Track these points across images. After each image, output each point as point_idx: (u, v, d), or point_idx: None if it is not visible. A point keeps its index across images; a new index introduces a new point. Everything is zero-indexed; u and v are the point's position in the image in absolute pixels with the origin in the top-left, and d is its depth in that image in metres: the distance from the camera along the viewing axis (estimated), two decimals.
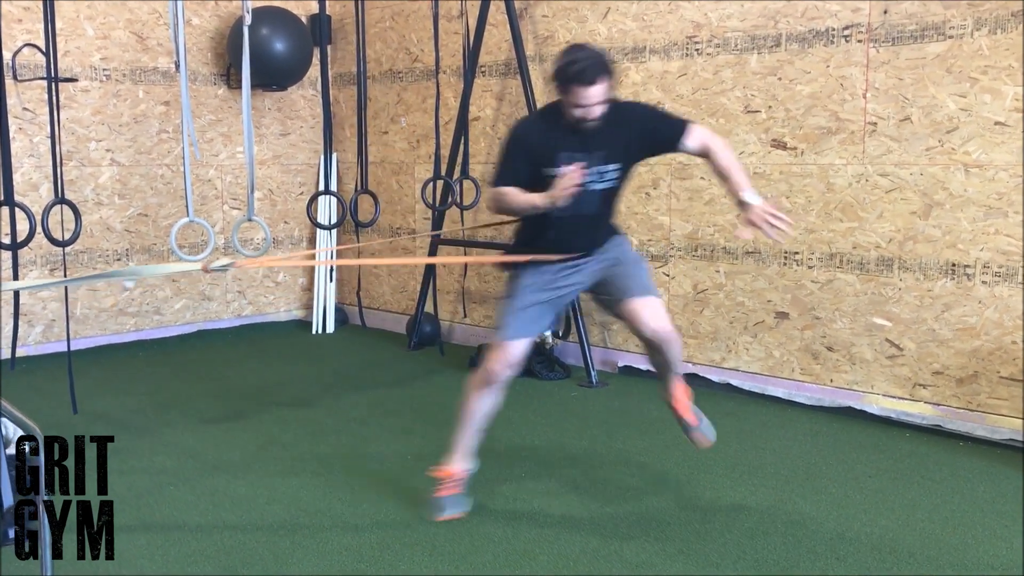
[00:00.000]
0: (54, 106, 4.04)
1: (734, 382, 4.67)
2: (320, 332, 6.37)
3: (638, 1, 4.89)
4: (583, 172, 2.93)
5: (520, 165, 3.06)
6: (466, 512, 3.20)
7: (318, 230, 6.39)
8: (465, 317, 5.92)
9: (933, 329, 4.07)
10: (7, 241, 3.92)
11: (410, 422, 4.29)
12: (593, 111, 2.95)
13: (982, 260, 3.91)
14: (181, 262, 4.73)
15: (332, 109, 6.20)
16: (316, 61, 6.06)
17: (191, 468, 3.70)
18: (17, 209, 3.84)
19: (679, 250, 4.84)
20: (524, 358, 3.16)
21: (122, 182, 5.70)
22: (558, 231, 3.08)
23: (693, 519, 3.16)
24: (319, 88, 6.35)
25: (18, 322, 4.26)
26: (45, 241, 4.11)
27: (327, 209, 6.25)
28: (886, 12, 4.09)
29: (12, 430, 2.16)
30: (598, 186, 3.05)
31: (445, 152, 5.39)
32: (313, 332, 6.36)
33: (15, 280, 4.16)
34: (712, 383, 4.71)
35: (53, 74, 4.01)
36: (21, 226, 3.95)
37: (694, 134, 3.07)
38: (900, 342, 4.17)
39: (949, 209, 3.98)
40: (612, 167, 3.06)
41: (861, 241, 4.24)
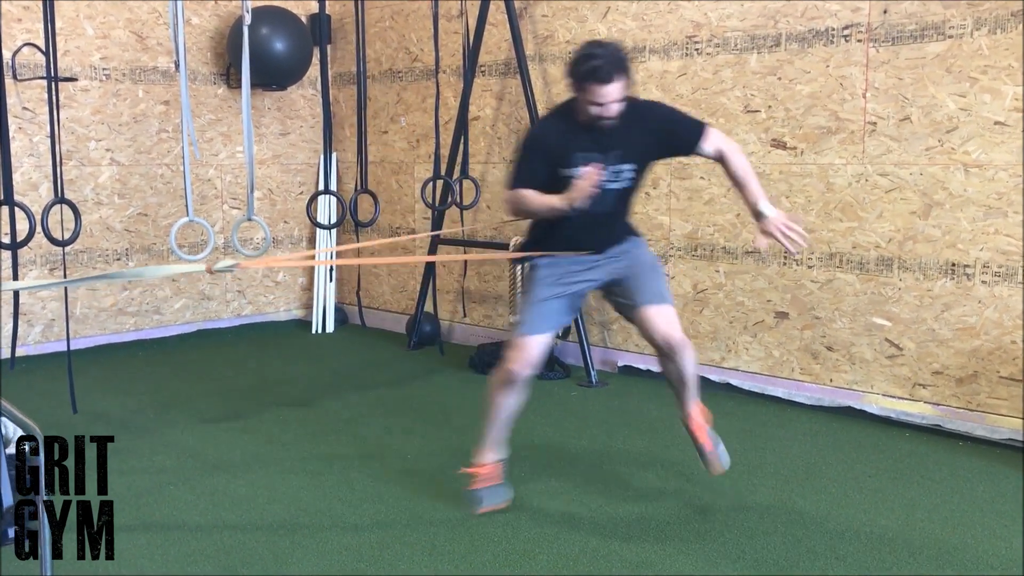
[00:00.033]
0: (54, 105, 4.04)
1: (734, 382, 4.67)
2: (320, 332, 6.37)
3: (638, 1, 4.89)
4: (601, 173, 2.91)
5: (537, 166, 3.04)
6: (508, 501, 3.19)
7: (318, 230, 6.39)
8: (465, 317, 5.92)
9: (933, 329, 4.08)
10: (7, 241, 3.92)
11: (410, 422, 4.29)
12: (610, 110, 2.92)
13: (982, 260, 3.91)
14: (184, 263, 4.73)
15: (332, 109, 6.20)
16: (316, 61, 6.06)
17: (191, 468, 3.70)
18: (17, 209, 3.84)
19: (679, 250, 4.84)
20: (544, 357, 3.15)
21: (122, 182, 5.70)
22: (572, 229, 3.06)
23: (693, 519, 3.16)
24: (319, 88, 6.35)
25: (18, 322, 4.26)
26: (45, 241, 4.12)
27: (327, 209, 6.25)
28: (886, 12, 4.09)
29: (12, 430, 2.16)
30: (613, 185, 3.03)
31: (445, 152, 5.39)
32: (313, 332, 6.37)
33: (15, 280, 4.15)
34: (712, 383, 4.71)
35: (53, 73, 4.01)
36: (21, 226, 3.95)
37: (710, 138, 3.07)
38: (900, 342, 4.18)
39: (949, 209, 3.98)
40: (628, 167, 3.05)
41: (861, 241, 4.24)
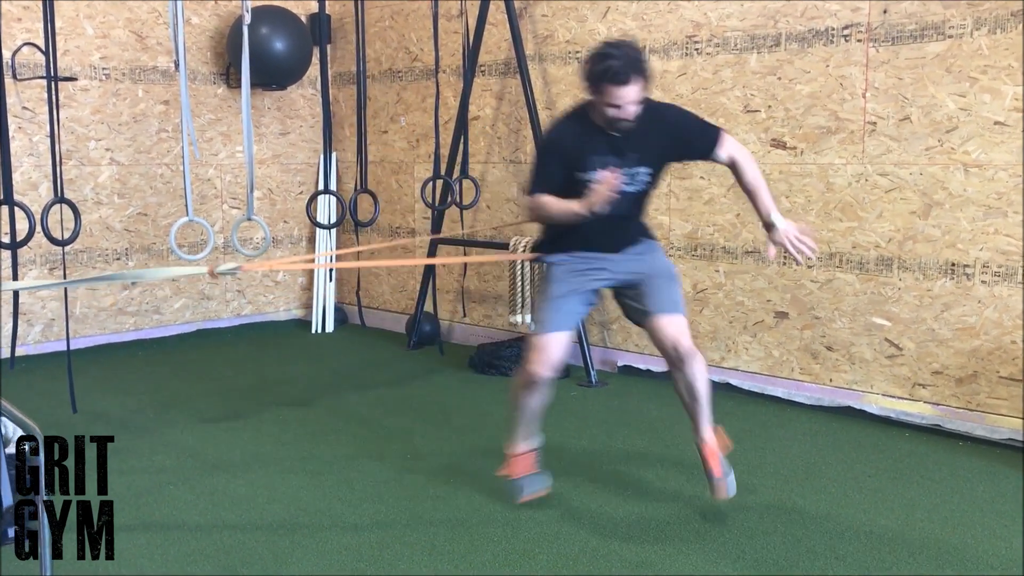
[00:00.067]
0: (53, 105, 4.04)
1: (733, 382, 4.67)
2: (320, 331, 6.37)
3: (638, 1, 4.89)
4: (620, 178, 2.89)
5: (554, 170, 3.02)
6: (548, 489, 3.19)
7: (318, 229, 6.39)
8: (464, 316, 5.92)
9: (932, 329, 4.08)
10: (7, 240, 3.92)
11: (410, 422, 4.29)
12: (627, 112, 2.90)
13: (981, 260, 3.91)
14: (186, 265, 4.73)
15: (332, 108, 6.19)
16: (316, 60, 6.06)
17: (191, 467, 3.70)
18: (16, 208, 3.84)
19: (678, 249, 4.84)
20: (564, 358, 3.14)
21: (121, 181, 5.70)
22: (587, 230, 3.04)
23: (693, 519, 3.16)
24: (319, 87, 6.36)
25: (17, 321, 4.26)
26: (44, 240, 4.12)
27: (326, 208, 6.25)
28: (886, 12, 4.09)
29: (12, 430, 2.16)
30: (629, 188, 3.01)
31: (445, 151, 5.39)
32: (313, 331, 6.36)
33: (14, 279, 4.15)
34: (712, 383, 4.69)
35: (52, 73, 4.01)
36: (20, 225, 3.95)
37: (726, 145, 3.07)
38: (899, 342, 4.18)
39: (949, 209, 3.98)
40: (644, 170, 3.04)
41: (861, 241, 4.24)
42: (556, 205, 3.00)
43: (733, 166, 3.10)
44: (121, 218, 5.72)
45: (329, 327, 6.40)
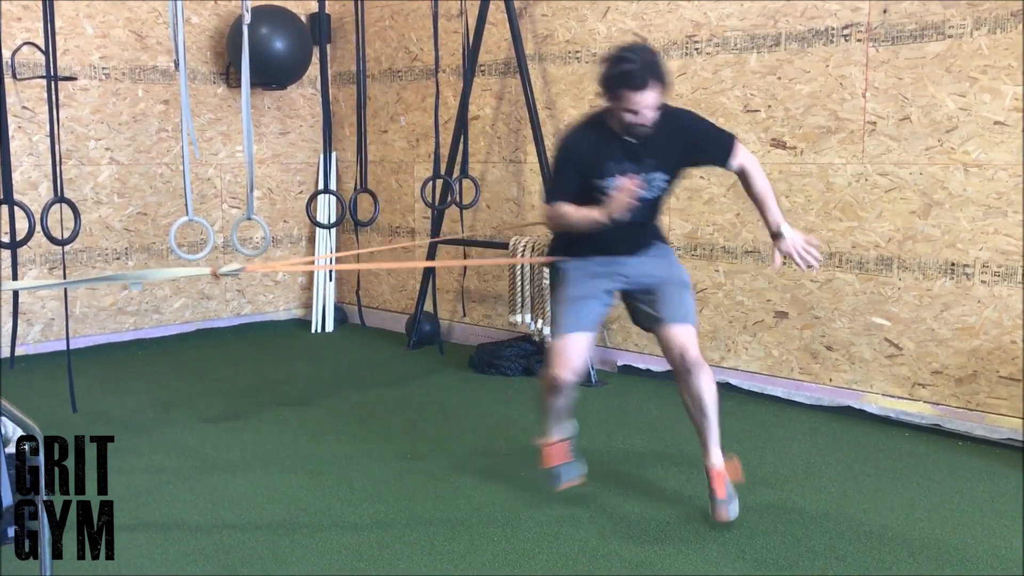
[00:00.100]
0: (53, 105, 4.03)
1: (733, 381, 4.67)
2: (319, 331, 6.37)
3: (637, 0, 4.88)
4: (639, 184, 2.87)
5: (571, 177, 3.01)
6: (583, 477, 3.18)
7: (317, 229, 6.39)
8: (464, 316, 5.92)
9: (932, 328, 4.08)
10: (6, 240, 3.92)
11: (410, 421, 4.29)
12: (645, 117, 2.87)
13: (981, 260, 3.91)
14: (188, 265, 4.73)
15: (331, 108, 6.19)
16: (315, 60, 6.06)
17: (190, 467, 3.70)
18: (16, 208, 3.84)
19: (678, 249, 4.83)
20: (586, 361, 3.11)
21: (121, 181, 5.69)
22: (602, 235, 3.02)
23: (693, 519, 3.16)
24: (318, 87, 6.36)
25: (17, 321, 4.26)
26: (44, 240, 4.11)
27: (326, 208, 6.25)
28: (885, 11, 4.09)
29: (12, 429, 2.16)
30: (645, 194, 3.00)
31: (444, 151, 5.39)
32: (312, 331, 6.36)
33: (14, 279, 4.15)
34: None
35: (52, 73, 4.00)
36: (20, 225, 3.95)
37: (738, 154, 3.07)
38: (899, 341, 4.18)
39: (948, 209, 3.98)
40: (660, 175, 3.03)
41: (860, 240, 4.24)
42: (576, 213, 2.98)
43: (742, 174, 3.10)
44: (121, 218, 5.72)
45: (329, 327, 6.40)
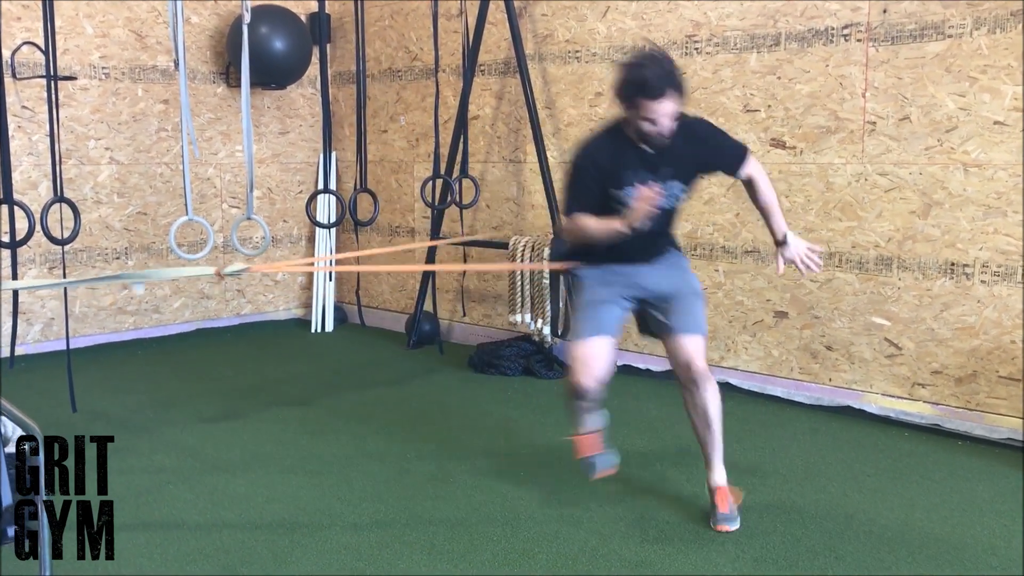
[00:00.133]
0: (53, 104, 4.03)
1: (733, 381, 4.67)
2: (319, 331, 6.37)
3: (637, 0, 4.88)
4: (659, 192, 2.86)
5: (590, 188, 2.99)
6: (617, 467, 3.17)
7: (317, 229, 6.39)
8: (464, 316, 5.92)
9: (932, 328, 4.08)
10: (6, 240, 3.92)
11: (409, 421, 4.30)
12: (663, 126, 2.86)
13: (981, 259, 3.92)
14: (191, 265, 4.73)
15: (331, 108, 6.19)
16: (315, 60, 6.05)
17: (190, 467, 3.70)
18: (16, 207, 3.84)
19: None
20: (608, 368, 3.08)
21: (121, 180, 5.69)
22: (616, 244, 3.00)
23: (692, 518, 3.16)
24: (318, 87, 6.35)
25: (17, 320, 4.26)
26: (44, 240, 4.11)
27: (326, 208, 6.25)
28: (885, 11, 4.09)
29: (12, 429, 2.16)
30: (663, 203, 2.98)
31: (444, 151, 5.39)
32: (312, 331, 6.36)
33: (14, 279, 4.15)
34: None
35: (52, 72, 4.00)
36: (20, 224, 3.95)
37: (749, 165, 3.09)
38: (899, 341, 4.18)
39: (948, 208, 3.98)
40: (678, 184, 3.02)
41: (860, 240, 4.24)
42: (597, 225, 2.96)
43: (749, 183, 3.12)
44: (121, 217, 5.72)
45: (329, 326, 6.40)
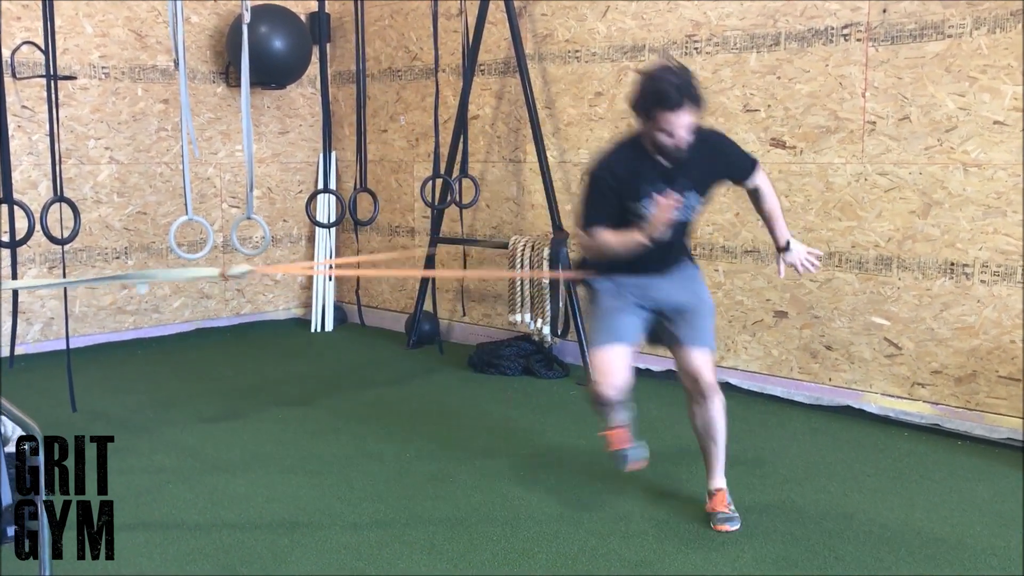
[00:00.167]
0: (53, 104, 4.03)
1: (733, 381, 4.67)
2: (319, 330, 6.37)
3: (637, 0, 4.88)
4: (678, 201, 2.85)
5: (608, 202, 2.97)
6: (647, 459, 3.17)
7: (317, 229, 6.39)
8: (464, 315, 5.92)
9: (932, 328, 4.08)
10: (6, 239, 3.92)
11: (409, 421, 4.30)
12: (680, 138, 2.84)
13: (981, 259, 3.92)
14: (194, 265, 4.73)
15: (331, 107, 6.19)
16: (315, 59, 6.05)
17: (190, 467, 3.70)
18: (16, 207, 3.84)
19: None
20: (629, 376, 3.06)
21: (121, 180, 5.69)
22: (634, 255, 2.98)
23: (692, 518, 3.16)
24: (318, 86, 6.35)
25: (16, 320, 4.26)
26: (44, 239, 4.11)
27: (326, 207, 6.25)
28: (885, 11, 4.09)
29: (12, 429, 2.16)
30: (677, 215, 2.95)
31: (444, 150, 5.39)
32: (312, 330, 6.36)
33: (14, 278, 4.15)
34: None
35: (52, 72, 4.00)
36: (20, 224, 3.95)
37: (757, 176, 3.11)
38: (899, 341, 4.18)
39: (948, 208, 3.98)
40: (694, 195, 3.02)
41: (860, 240, 4.24)
42: (616, 239, 2.95)
43: (755, 192, 3.14)
44: (120, 217, 5.72)
45: (328, 326, 6.40)
